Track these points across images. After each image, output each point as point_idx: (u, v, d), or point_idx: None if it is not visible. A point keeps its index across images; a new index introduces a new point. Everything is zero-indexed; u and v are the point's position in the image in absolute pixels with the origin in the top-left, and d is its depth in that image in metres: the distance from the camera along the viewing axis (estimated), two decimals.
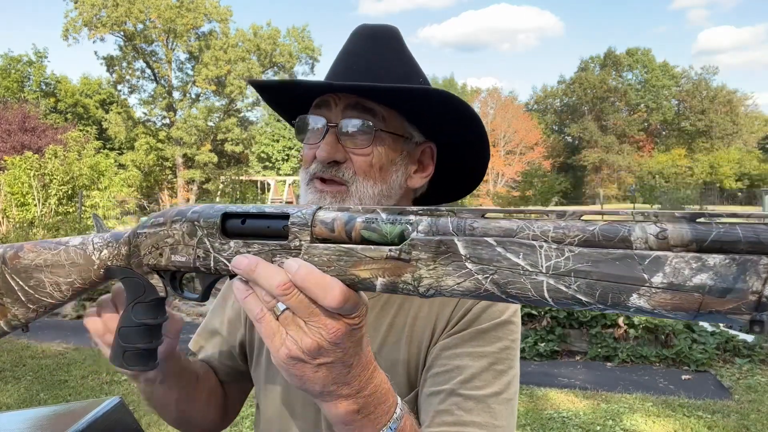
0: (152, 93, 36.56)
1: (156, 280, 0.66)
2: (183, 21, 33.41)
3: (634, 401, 4.27)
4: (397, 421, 0.66)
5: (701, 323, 5.51)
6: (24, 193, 14.81)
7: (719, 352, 5.12)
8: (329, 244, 0.54)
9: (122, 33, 34.21)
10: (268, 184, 23.95)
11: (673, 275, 0.40)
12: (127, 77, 36.30)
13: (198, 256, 0.61)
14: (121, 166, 30.34)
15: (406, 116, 0.92)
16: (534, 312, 5.39)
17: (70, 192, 15.65)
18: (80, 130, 22.38)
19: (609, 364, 5.13)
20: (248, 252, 0.57)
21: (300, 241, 0.55)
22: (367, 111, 0.88)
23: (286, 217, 0.56)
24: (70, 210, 15.31)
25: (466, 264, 0.47)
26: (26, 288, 0.71)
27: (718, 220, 0.42)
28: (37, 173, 15.04)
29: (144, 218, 0.70)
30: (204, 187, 34.43)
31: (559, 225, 0.45)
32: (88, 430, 1.07)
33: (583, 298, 0.43)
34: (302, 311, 0.54)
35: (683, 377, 4.79)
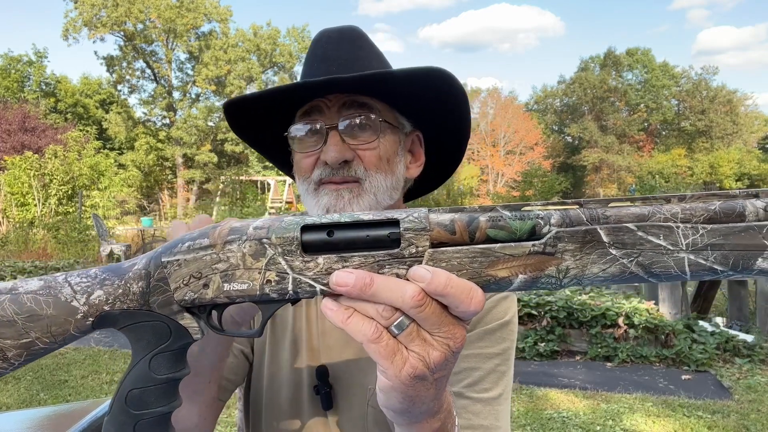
0: (152, 93, 36.58)
1: (188, 320, 0.54)
2: (183, 21, 33.42)
3: (634, 401, 4.27)
4: (460, 428, 0.66)
5: (701, 323, 5.51)
6: (24, 193, 14.83)
7: (719, 352, 5.12)
8: (459, 247, 0.50)
9: (122, 33, 34.22)
10: (268, 184, 23.96)
11: None
12: (127, 77, 36.31)
13: (267, 281, 0.51)
14: (121, 166, 30.37)
15: (396, 107, 0.92)
16: (534, 312, 5.39)
17: (70, 192, 15.66)
18: (80, 130, 22.41)
19: (609, 364, 5.14)
20: (345, 266, 0.50)
21: (416, 248, 0.50)
22: (363, 106, 0.87)
23: (393, 223, 0.51)
24: (70, 210, 15.32)
25: (611, 250, 0.49)
26: None
27: None
28: (37, 173, 15.06)
29: (164, 245, 0.54)
30: (204, 187, 34.44)
31: (685, 207, 0.49)
32: (88, 430, 1.07)
33: (719, 268, 0.48)
34: (432, 322, 0.49)
35: (683, 377, 4.79)
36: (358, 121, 0.86)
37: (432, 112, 0.93)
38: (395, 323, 0.49)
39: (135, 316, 0.54)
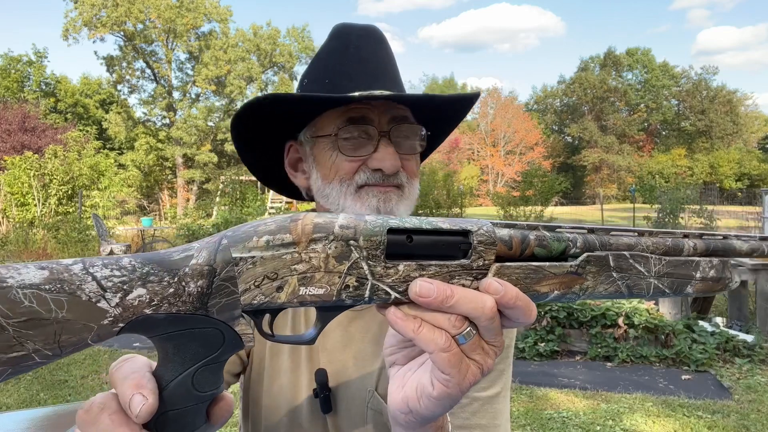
0: (152, 93, 36.56)
1: (242, 326, 0.45)
2: (183, 21, 33.40)
3: (634, 401, 4.27)
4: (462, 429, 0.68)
5: (701, 323, 5.51)
6: (24, 193, 14.83)
7: (719, 352, 5.12)
8: (520, 263, 0.53)
9: (122, 33, 34.20)
10: None
11: (704, 272, 0.61)
12: (127, 77, 36.29)
13: (346, 286, 0.46)
14: (121, 166, 30.36)
15: (419, 117, 0.95)
16: None
17: (70, 192, 15.66)
18: (80, 130, 22.42)
19: (609, 364, 5.13)
20: (422, 275, 0.48)
21: (484, 260, 0.51)
22: (406, 119, 0.91)
23: (465, 233, 0.50)
24: (70, 210, 15.32)
25: (612, 273, 0.56)
26: None
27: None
28: (37, 173, 15.05)
29: (228, 235, 0.45)
30: (204, 187, 34.43)
31: (653, 241, 0.60)
32: None
33: (667, 291, 0.59)
34: (494, 333, 0.51)
35: (683, 377, 4.79)
36: (409, 132, 0.90)
37: (440, 122, 0.99)
38: (464, 333, 0.50)
39: (186, 322, 0.43)
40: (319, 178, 0.91)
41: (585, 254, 0.55)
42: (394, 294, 0.48)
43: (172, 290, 0.42)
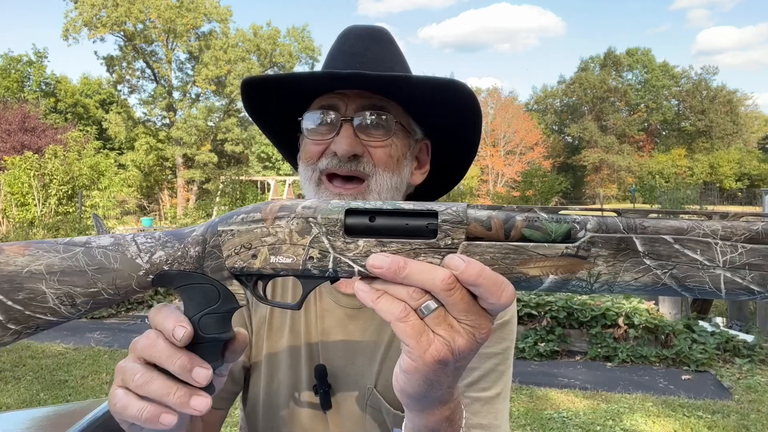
0: (152, 93, 36.57)
1: (236, 287, 0.57)
2: (183, 21, 33.40)
3: (634, 401, 4.27)
4: (464, 427, 0.66)
5: (701, 323, 5.51)
6: (24, 193, 14.81)
7: (719, 352, 5.12)
8: (494, 242, 0.52)
9: (122, 33, 34.21)
10: (268, 184, 23.94)
11: None
12: (127, 77, 36.30)
13: (310, 257, 0.54)
14: (121, 166, 30.36)
15: (411, 112, 0.93)
16: (534, 312, 5.39)
17: (70, 192, 15.65)
18: (80, 130, 22.41)
19: (609, 364, 5.14)
20: (383, 251, 0.53)
21: (452, 239, 0.52)
22: (381, 108, 0.88)
23: (432, 214, 0.53)
24: (70, 210, 15.31)
25: (645, 260, 0.50)
26: (9, 303, 0.55)
27: None
28: (37, 173, 15.04)
29: (221, 216, 0.59)
30: (204, 187, 34.42)
31: (726, 225, 0.49)
32: (88, 430, 1.07)
33: (756, 288, 0.48)
34: (460, 309, 0.51)
35: (683, 377, 4.79)
36: (373, 117, 0.88)
37: (446, 123, 0.95)
38: (423, 305, 0.51)
39: (190, 277, 0.57)
40: (301, 162, 0.94)
41: (588, 235, 0.51)
42: (356, 267, 0.54)
43: (179, 253, 0.57)
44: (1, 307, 0.56)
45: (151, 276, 0.57)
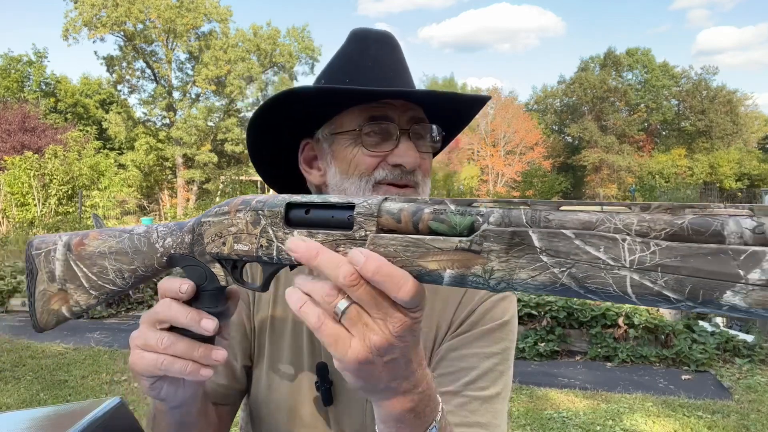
0: (152, 93, 36.55)
1: (218, 269, 0.66)
2: (183, 21, 33.39)
3: (634, 401, 4.27)
4: (440, 421, 0.66)
5: (701, 323, 5.51)
6: (24, 193, 14.83)
7: (719, 352, 5.12)
8: (396, 235, 0.52)
9: (122, 33, 34.20)
10: None
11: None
12: (127, 77, 36.28)
13: (261, 245, 0.61)
14: (121, 166, 30.36)
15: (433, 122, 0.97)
16: (534, 312, 5.39)
17: (70, 192, 15.67)
18: (80, 130, 22.44)
19: (609, 364, 5.14)
20: None
21: (365, 231, 0.53)
22: (423, 120, 0.93)
23: (351, 207, 0.55)
24: (70, 210, 15.32)
25: (541, 257, 0.45)
26: (89, 274, 0.72)
27: None
28: (37, 173, 15.06)
29: (208, 210, 0.70)
30: (204, 187, 34.43)
31: (643, 218, 0.42)
32: (88, 430, 1.07)
33: (671, 295, 0.41)
34: (369, 304, 0.51)
35: (683, 377, 4.79)
36: (426, 130, 0.92)
37: (450, 122, 0.99)
38: (336, 306, 0.52)
39: (186, 260, 0.68)
40: (337, 173, 0.91)
41: (482, 228, 0.47)
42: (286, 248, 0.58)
43: (179, 240, 0.69)
44: (85, 278, 0.72)
45: (165, 257, 0.70)
